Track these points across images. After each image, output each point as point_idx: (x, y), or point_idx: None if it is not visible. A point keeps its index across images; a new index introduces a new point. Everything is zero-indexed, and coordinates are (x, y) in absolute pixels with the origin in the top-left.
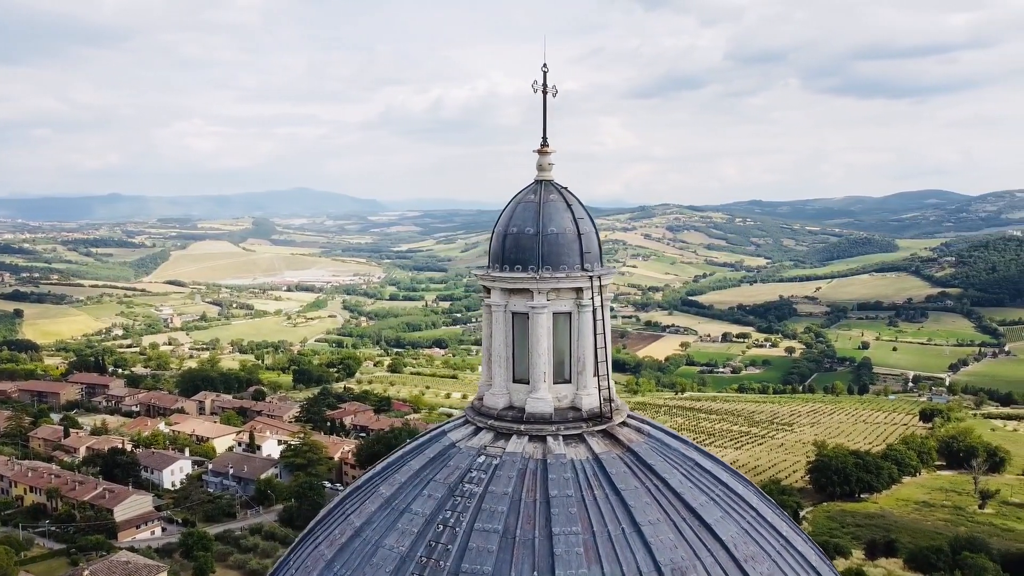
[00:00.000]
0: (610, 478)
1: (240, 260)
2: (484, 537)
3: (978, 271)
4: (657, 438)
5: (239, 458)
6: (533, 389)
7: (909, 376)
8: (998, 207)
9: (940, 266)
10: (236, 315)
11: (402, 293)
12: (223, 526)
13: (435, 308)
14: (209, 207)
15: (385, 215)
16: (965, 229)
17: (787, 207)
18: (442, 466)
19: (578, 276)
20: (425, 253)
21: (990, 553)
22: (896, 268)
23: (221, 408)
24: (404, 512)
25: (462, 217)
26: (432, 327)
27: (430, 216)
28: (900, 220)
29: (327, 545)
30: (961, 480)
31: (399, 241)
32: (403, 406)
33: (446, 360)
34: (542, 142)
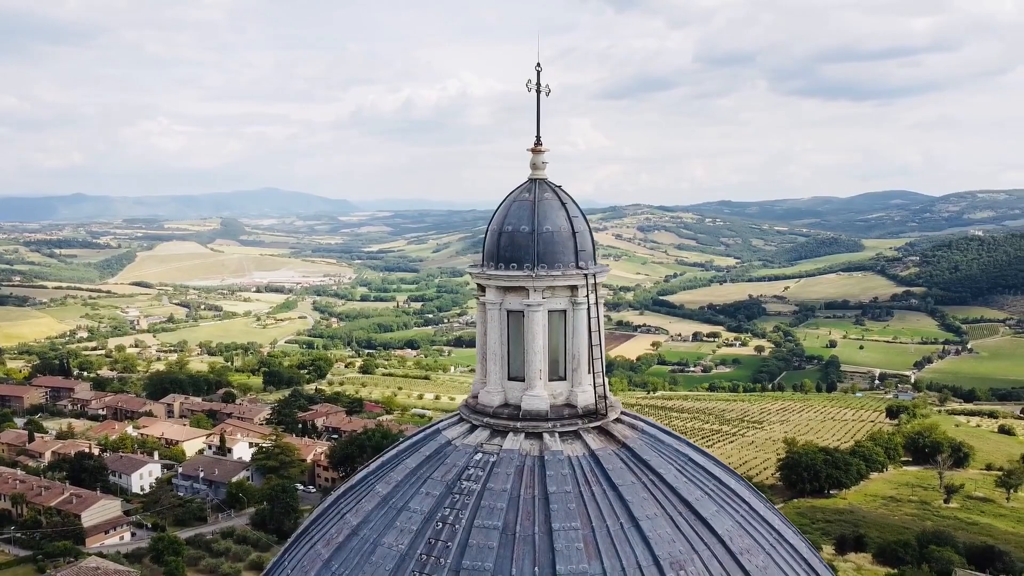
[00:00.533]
0: (607, 474)
1: (208, 261)
2: (484, 534)
3: (941, 270)
4: (651, 434)
5: (209, 461)
6: (529, 386)
7: (876, 374)
8: (960, 207)
9: (905, 265)
10: (204, 317)
11: (373, 294)
12: (194, 530)
13: (407, 309)
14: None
15: (355, 215)
16: (929, 229)
17: (756, 207)
18: (439, 464)
19: (573, 274)
20: (396, 254)
21: (956, 546)
22: (862, 268)
23: (190, 411)
24: (402, 510)
25: (433, 217)
26: (404, 328)
27: (401, 216)
28: (866, 220)
29: (323, 544)
30: (927, 475)
31: (370, 242)
32: (375, 407)
33: (418, 361)
34: (536, 141)
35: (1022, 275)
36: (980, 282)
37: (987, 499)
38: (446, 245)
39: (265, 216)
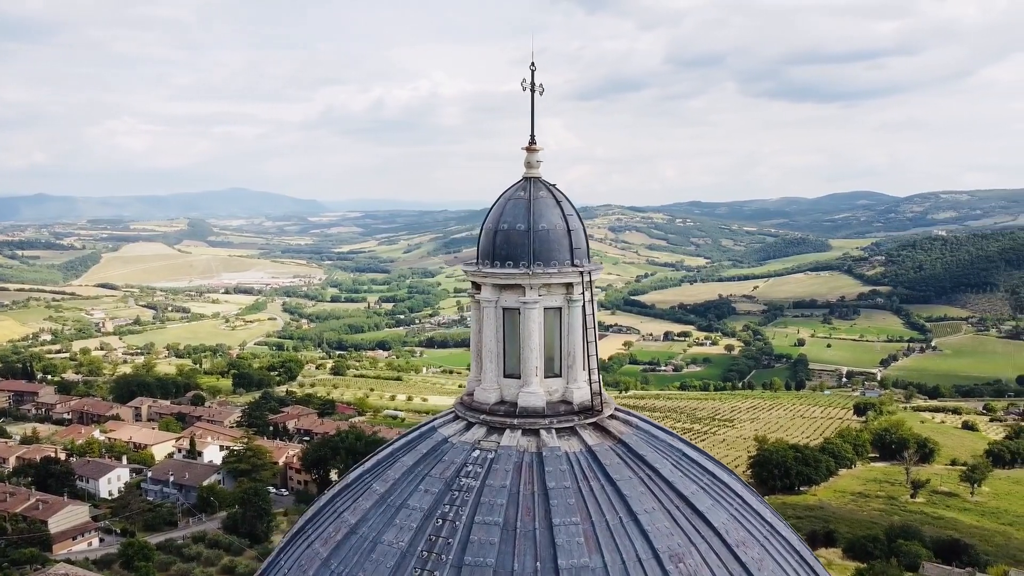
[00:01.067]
0: (604, 469)
1: (175, 262)
2: (485, 530)
3: (906, 270)
4: (645, 430)
5: (180, 465)
6: (525, 383)
7: (843, 372)
8: (924, 208)
9: (871, 265)
10: (172, 318)
11: (344, 295)
12: (164, 535)
13: (378, 310)
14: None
15: (326, 216)
16: (894, 229)
17: (725, 208)
18: (436, 461)
19: (569, 271)
20: (367, 254)
21: (923, 540)
22: (829, 267)
23: (159, 414)
24: (401, 508)
25: (404, 218)
26: (375, 329)
27: (372, 217)
28: (833, 220)
29: (321, 543)
30: (894, 471)
31: (340, 242)
32: (347, 409)
33: (390, 362)
34: (530, 140)
35: (984, 274)
36: (943, 281)
37: (952, 494)
38: (417, 246)
39: (234, 217)
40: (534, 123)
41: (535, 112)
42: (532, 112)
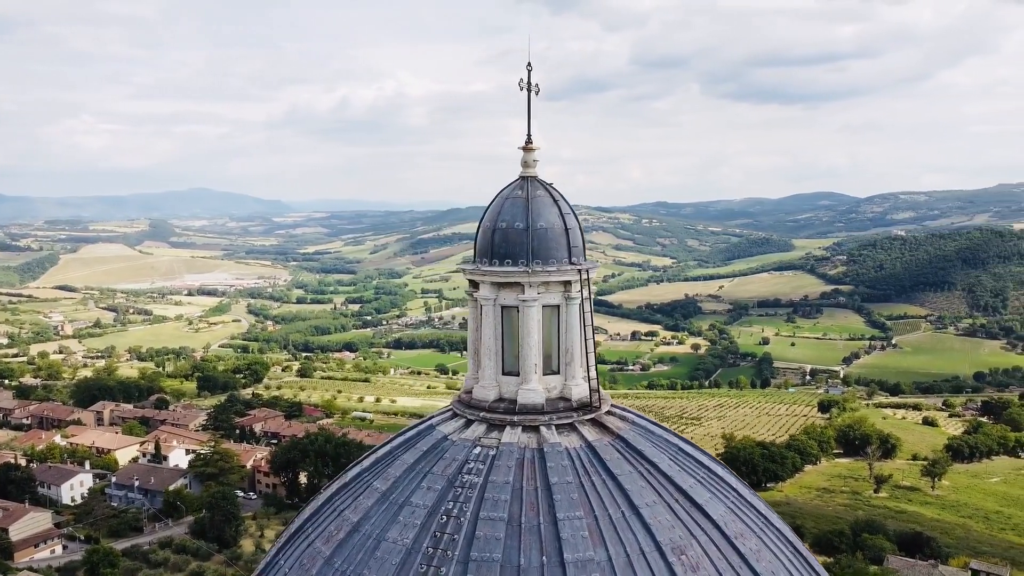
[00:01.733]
0: (605, 464)
1: (136, 263)
2: (490, 525)
3: (867, 269)
4: (641, 425)
5: (145, 469)
6: (524, 381)
7: (807, 369)
8: (884, 208)
9: (833, 264)
10: (133, 321)
11: (310, 296)
12: (130, 541)
13: (344, 311)
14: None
15: (290, 216)
16: (855, 229)
17: (691, 208)
18: (437, 459)
19: (567, 270)
20: (333, 255)
21: (887, 534)
22: (793, 267)
23: (121, 418)
24: (404, 505)
25: (370, 218)
26: (342, 330)
27: (337, 217)
28: (796, 221)
29: (323, 542)
30: (857, 466)
31: (305, 243)
32: (315, 411)
33: (357, 364)
34: (527, 139)
35: (942, 273)
36: (903, 280)
37: (914, 488)
38: (384, 246)
39: (196, 217)
40: (530, 123)
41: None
42: (528, 112)
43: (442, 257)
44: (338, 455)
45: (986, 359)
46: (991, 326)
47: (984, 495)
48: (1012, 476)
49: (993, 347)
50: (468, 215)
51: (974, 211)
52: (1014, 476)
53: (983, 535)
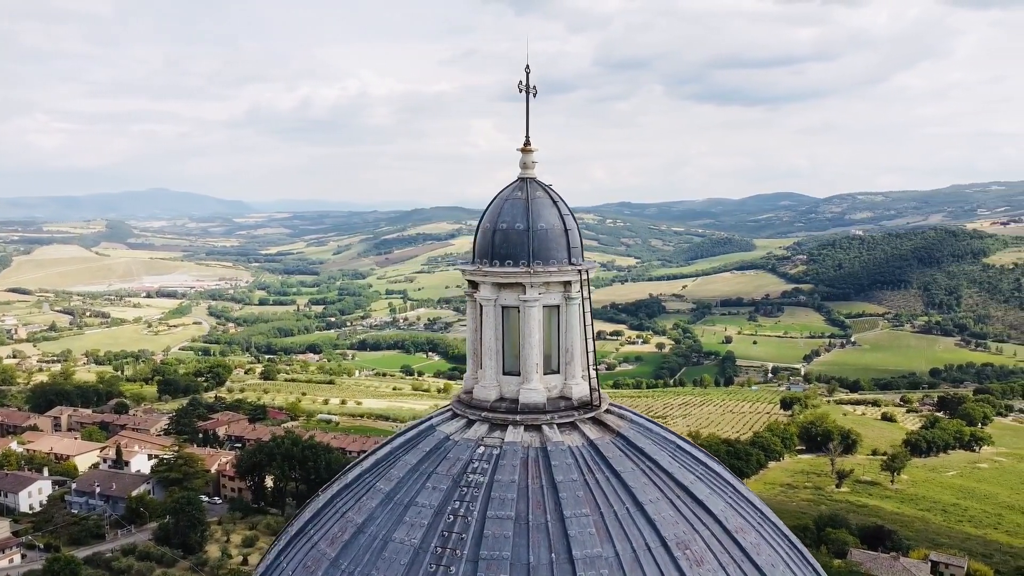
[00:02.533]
0: (608, 462)
1: (93, 265)
2: (498, 524)
3: (826, 268)
4: (639, 423)
5: (106, 475)
6: (525, 380)
7: (769, 367)
8: (842, 208)
9: (793, 264)
10: (90, 324)
11: (272, 297)
12: (92, 549)
13: (308, 312)
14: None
15: (252, 217)
16: (814, 229)
17: (654, 208)
18: (441, 459)
19: (568, 270)
20: (295, 256)
21: (849, 528)
22: (754, 266)
23: (80, 423)
24: (409, 506)
25: (333, 219)
26: (305, 332)
27: (300, 218)
28: (757, 221)
29: (327, 544)
30: (820, 462)
31: (267, 244)
32: (279, 414)
33: (321, 365)
34: (525, 141)
35: (898, 272)
36: (861, 279)
37: (874, 482)
38: (347, 247)
39: (155, 218)
40: (529, 125)
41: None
42: (527, 114)
43: (406, 258)
44: (305, 458)
45: (941, 356)
46: (946, 323)
47: (941, 488)
48: (968, 470)
49: (948, 344)
50: (433, 215)
51: (929, 211)
52: (969, 470)
53: (941, 527)
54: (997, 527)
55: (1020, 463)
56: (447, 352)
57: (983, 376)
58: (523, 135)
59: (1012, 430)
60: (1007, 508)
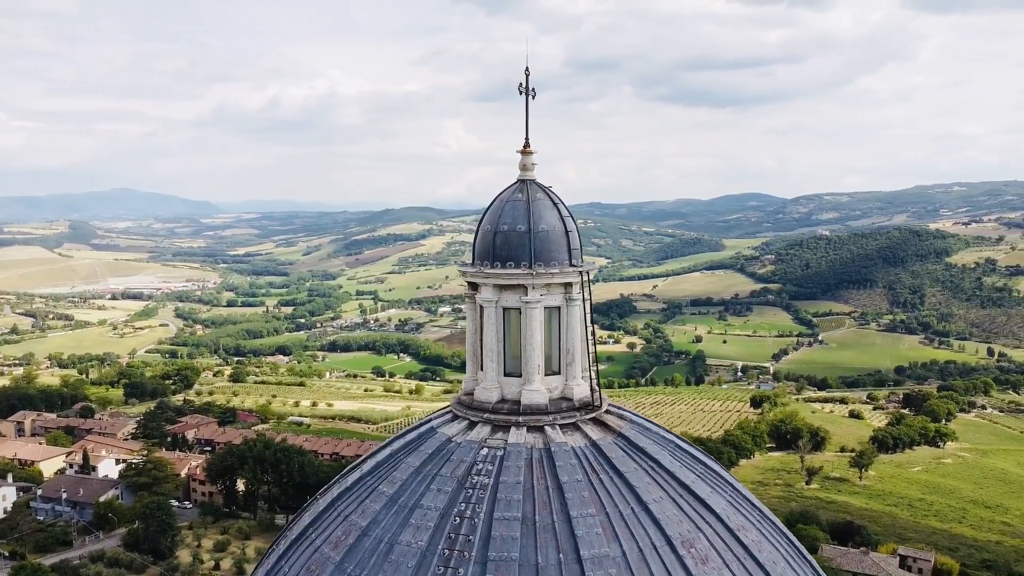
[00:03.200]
0: (611, 462)
1: (56, 267)
2: (505, 525)
3: (794, 268)
4: (639, 423)
5: (72, 481)
6: (527, 382)
7: (738, 366)
8: (809, 209)
9: (762, 264)
10: (53, 327)
11: (240, 299)
12: (59, 556)
13: (277, 314)
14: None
15: (219, 217)
16: (782, 229)
17: (625, 209)
18: (444, 461)
19: (569, 271)
20: (264, 257)
21: (820, 524)
22: (723, 266)
23: (44, 428)
24: (414, 508)
25: (302, 219)
26: (274, 333)
27: (268, 218)
28: (726, 221)
29: (330, 547)
30: (789, 459)
31: (235, 244)
32: (249, 417)
33: (291, 367)
34: (524, 143)
35: (864, 271)
36: (828, 278)
37: (843, 479)
38: (317, 247)
39: (119, 218)
40: (528, 127)
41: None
42: (527, 116)
43: (377, 258)
44: (278, 461)
45: (906, 353)
46: (910, 322)
47: (908, 484)
48: (933, 465)
49: (912, 342)
50: (403, 216)
51: (893, 211)
52: (934, 465)
53: (908, 522)
54: (962, 521)
55: (983, 458)
56: (419, 353)
57: (946, 373)
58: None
59: (975, 426)
60: (971, 503)
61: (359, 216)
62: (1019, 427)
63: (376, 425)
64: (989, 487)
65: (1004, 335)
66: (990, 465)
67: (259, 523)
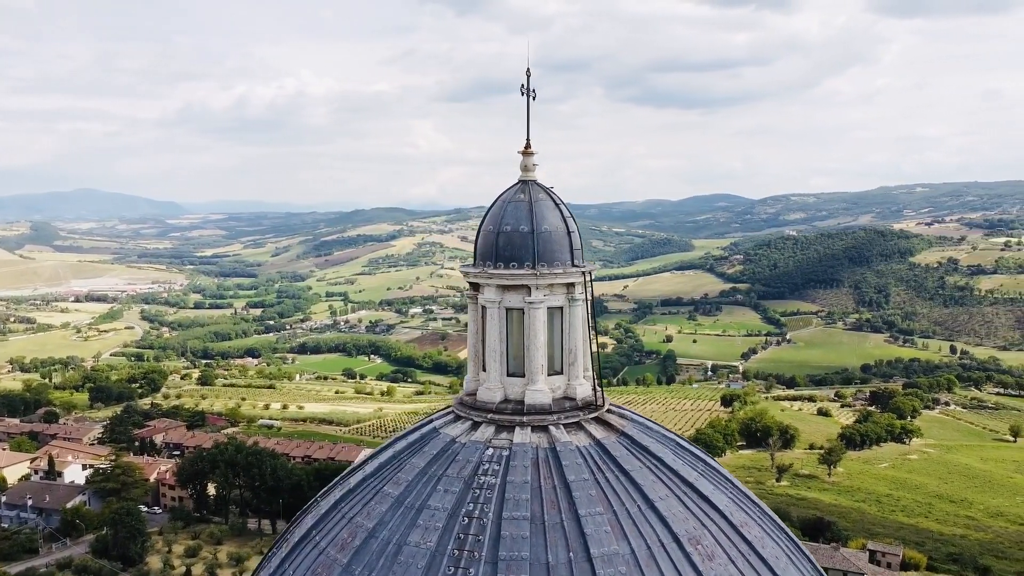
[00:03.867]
0: (616, 460)
1: (17, 269)
2: (515, 525)
3: (762, 268)
4: (639, 422)
5: (38, 487)
6: (531, 382)
7: (708, 365)
8: (776, 209)
9: (731, 264)
10: (15, 330)
11: (208, 301)
12: (24, 564)
13: (245, 316)
14: None
15: (186, 218)
16: (750, 230)
17: (595, 210)
18: (449, 461)
19: (572, 272)
20: (232, 258)
21: (791, 520)
22: (693, 266)
23: (7, 434)
24: (422, 509)
25: (271, 220)
26: (243, 336)
27: (236, 219)
28: (695, 222)
29: (336, 549)
30: (760, 457)
31: (202, 246)
32: (219, 420)
33: (260, 370)
34: (526, 144)
35: (830, 271)
36: (795, 278)
37: (812, 476)
38: (286, 248)
39: (83, 219)
40: (530, 128)
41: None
42: (528, 117)
43: (347, 259)
44: (250, 464)
45: (871, 351)
46: (875, 320)
47: (875, 480)
48: (899, 461)
49: (878, 340)
50: (373, 216)
51: (858, 212)
52: (901, 461)
53: (876, 517)
54: (928, 516)
55: (947, 454)
56: (390, 355)
57: (911, 371)
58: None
59: (939, 422)
60: (936, 497)
61: (329, 217)
62: (981, 423)
63: (348, 427)
64: (953, 482)
65: (966, 333)
66: (954, 461)
67: (231, 527)
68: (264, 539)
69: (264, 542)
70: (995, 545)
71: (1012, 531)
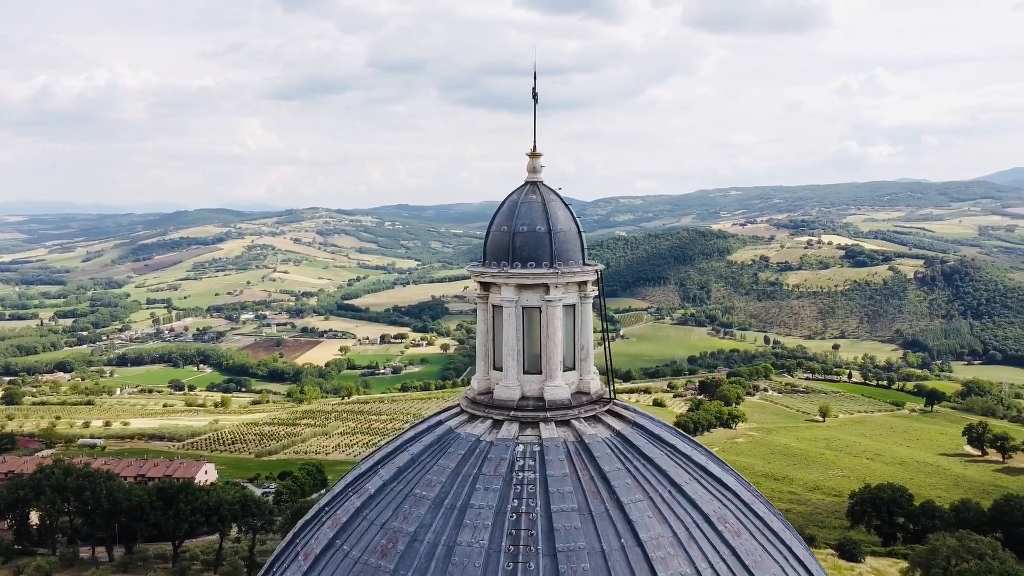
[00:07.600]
0: (639, 449)
1: None
2: (564, 517)
3: None
4: (644, 414)
5: None
6: (549, 377)
7: None
8: (607, 211)
9: None
10: None
11: (8, 311)
12: None
13: (54, 327)
14: None
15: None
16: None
17: (433, 211)
18: (481, 460)
19: (587, 270)
20: (35, 264)
21: None
22: None
23: None
24: (465, 509)
25: (80, 222)
26: (52, 349)
27: (39, 221)
28: None
29: (376, 556)
30: None
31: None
32: (32, 442)
33: (75, 385)
34: (533, 146)
35: (657, 269)
36: (627, 276)
37: None
38: (99, 253)
39: None
40: (536, 129)
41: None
42: (535, 118)
43: (169, 264)
44: (81, 488)
45: (697, 344)
46: (699, 315)
47: None
48: (728, 445)
49: (701, 333)
50: (198, 218)
51: (680, 213)
52: (730, 445)
53: None
54: None
55: (768, 436)
56: (221, 363)
57: (732, 361)
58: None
59: (759, 407)
60: (763, 476)
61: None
62: (795, 406)
63: (182, 442)
64: (776, 461)
65: (777, 324)
66: (775, 442)
67: (60, 558)
68: (101, 567)
69: (101, 571)
70: (815, 516)
71: (828, 502)
